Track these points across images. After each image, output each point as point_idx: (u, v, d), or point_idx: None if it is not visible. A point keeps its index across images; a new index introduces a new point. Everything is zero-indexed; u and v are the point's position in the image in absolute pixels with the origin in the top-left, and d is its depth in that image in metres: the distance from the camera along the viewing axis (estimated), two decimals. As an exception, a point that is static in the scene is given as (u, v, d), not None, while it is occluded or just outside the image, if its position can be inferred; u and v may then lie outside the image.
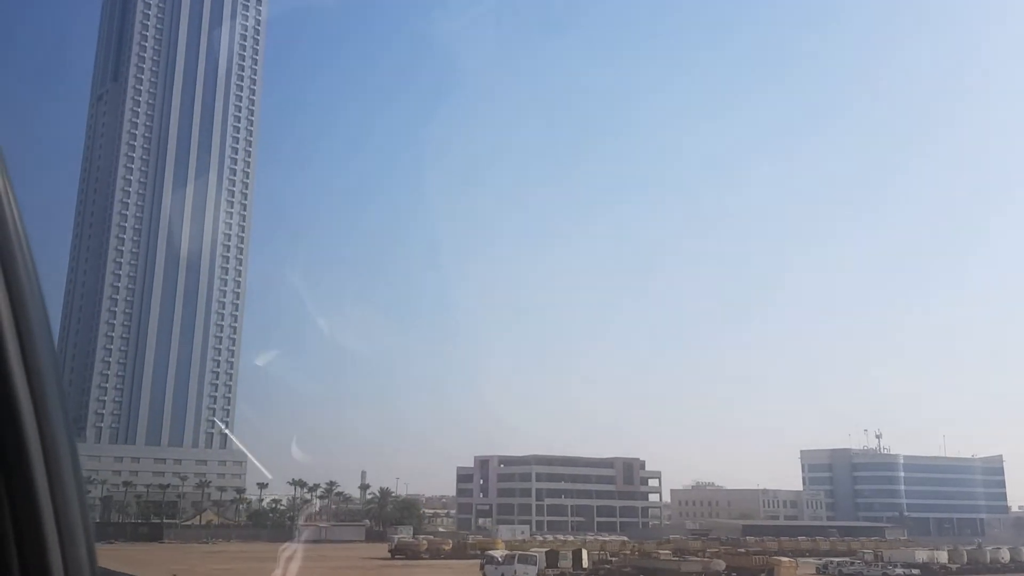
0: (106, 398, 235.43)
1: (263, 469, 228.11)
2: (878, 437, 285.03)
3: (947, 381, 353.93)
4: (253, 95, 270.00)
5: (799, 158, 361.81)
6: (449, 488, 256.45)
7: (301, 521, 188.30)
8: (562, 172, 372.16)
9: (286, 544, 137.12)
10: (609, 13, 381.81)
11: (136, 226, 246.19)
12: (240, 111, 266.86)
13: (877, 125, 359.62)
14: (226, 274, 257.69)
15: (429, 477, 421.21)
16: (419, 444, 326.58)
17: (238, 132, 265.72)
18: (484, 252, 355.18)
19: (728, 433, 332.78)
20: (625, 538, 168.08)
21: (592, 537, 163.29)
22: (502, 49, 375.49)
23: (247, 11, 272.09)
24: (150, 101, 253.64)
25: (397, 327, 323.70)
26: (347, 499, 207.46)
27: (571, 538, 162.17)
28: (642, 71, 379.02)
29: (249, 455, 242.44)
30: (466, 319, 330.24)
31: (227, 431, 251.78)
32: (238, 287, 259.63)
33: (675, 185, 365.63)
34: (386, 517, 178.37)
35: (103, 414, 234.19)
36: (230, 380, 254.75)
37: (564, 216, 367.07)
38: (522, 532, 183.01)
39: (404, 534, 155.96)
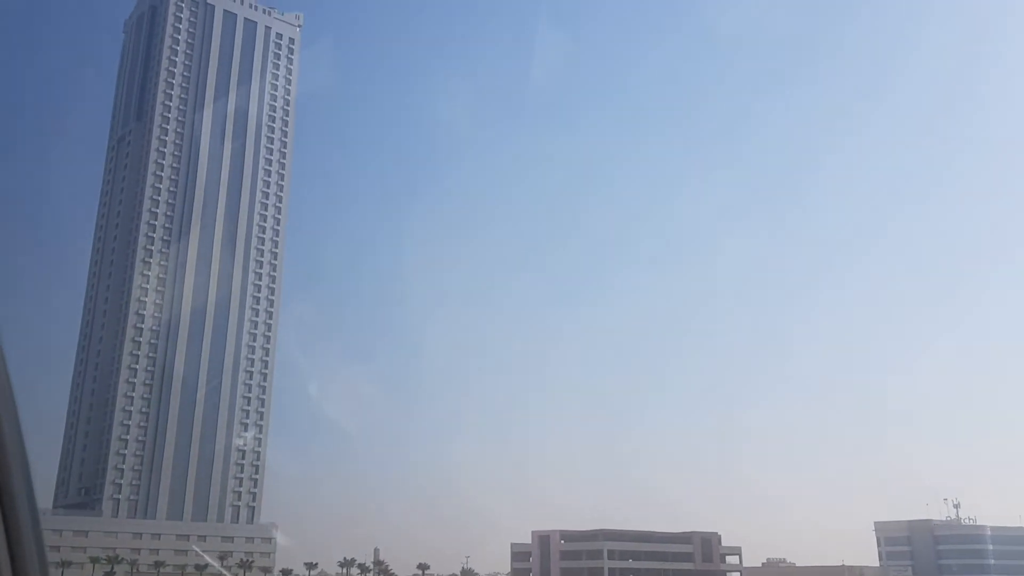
0: (124, 467, 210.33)
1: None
2: (956, 507, 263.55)
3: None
4: (285, 138, 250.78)
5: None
6: (479, 566, 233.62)
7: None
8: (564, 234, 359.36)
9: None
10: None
11: (160, 276, 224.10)
12: (272, 155, 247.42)
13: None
14: (255, 328, 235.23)
15: (458, 554, 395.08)
16: (441, 520, 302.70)
17: (269, 176, 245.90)
18: (505, 321, 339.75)
19: (787, 505, 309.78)
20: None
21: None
22: (488, 121, 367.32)
23: (279, 57, 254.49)
24: (177, 142, 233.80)
25: (422, 400, 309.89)
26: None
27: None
28: (619, 142, 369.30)
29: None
30: (495, 391, 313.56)
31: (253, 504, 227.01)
32: (267, 342, 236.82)
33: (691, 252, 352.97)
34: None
35: (120, 484, 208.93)
36: (258, 447, 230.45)
37: (587, 281, 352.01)
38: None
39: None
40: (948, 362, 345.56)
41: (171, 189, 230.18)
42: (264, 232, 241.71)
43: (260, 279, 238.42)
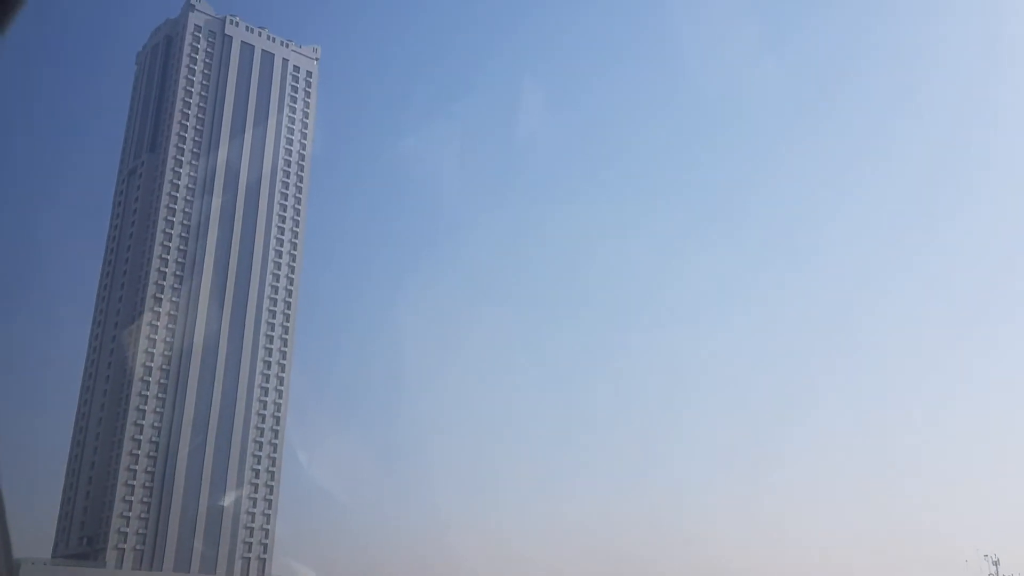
0: (130, 515, 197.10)
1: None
2: (996, 564, 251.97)
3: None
4: (301, 172, 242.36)
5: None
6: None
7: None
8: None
9: None
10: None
11: (172, 313, 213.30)
12: (288, 189, 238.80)
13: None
14: (268, 369, 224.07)
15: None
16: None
17: (284, 211, 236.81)
18: (522, 388, 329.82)
19: (822, 563, 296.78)
20: None
21: None
22: (478, 189, 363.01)
23: (296, 90, 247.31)
24: (191, 174, 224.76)
25: (435, 461, 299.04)
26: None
27: None
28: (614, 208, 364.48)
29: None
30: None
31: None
32: (280, 384, 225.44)
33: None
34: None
35: (126, 533, 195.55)
36: (270, 495, 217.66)
37: (600, 345, 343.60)
38: None
39: None
40: (985, 414, 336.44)
41: (184, 223, 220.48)
42: (279, 269, 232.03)
43: (274, 317, 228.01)
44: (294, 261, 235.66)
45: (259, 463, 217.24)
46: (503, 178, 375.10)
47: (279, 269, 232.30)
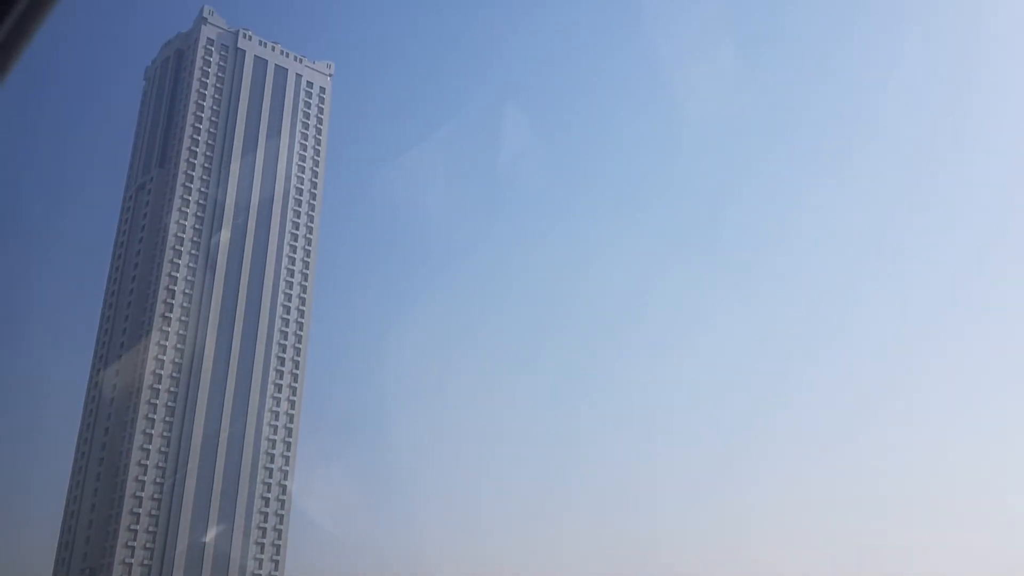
0: (135, 544, 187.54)
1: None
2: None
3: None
4: (315, 190, 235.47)
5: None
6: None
7: None
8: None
9: None
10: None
11: (180, 332, 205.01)
12: (300, 207, 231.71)
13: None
14: (279, 392, 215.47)
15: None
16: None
17: (297, 229, 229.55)
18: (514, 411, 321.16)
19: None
20: None
21: None
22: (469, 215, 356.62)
23: (309, 105, 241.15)
24: (202, 190, 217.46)
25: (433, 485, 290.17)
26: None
27: None
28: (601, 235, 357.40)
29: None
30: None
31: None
32: (292, 408, 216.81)
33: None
34: None
35: (131, 564, 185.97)
36: (280, 524, 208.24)
37: (585, 369, 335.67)
38: None
39: None
40: (976, 429, 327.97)
41: (194, 239, 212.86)
42: (291, 288, 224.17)
43: (286, 338, 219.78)
44: (306, 280, 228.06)
45: (269, 491, 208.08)
46: (496, 197, 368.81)
47: (291, 289, 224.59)
